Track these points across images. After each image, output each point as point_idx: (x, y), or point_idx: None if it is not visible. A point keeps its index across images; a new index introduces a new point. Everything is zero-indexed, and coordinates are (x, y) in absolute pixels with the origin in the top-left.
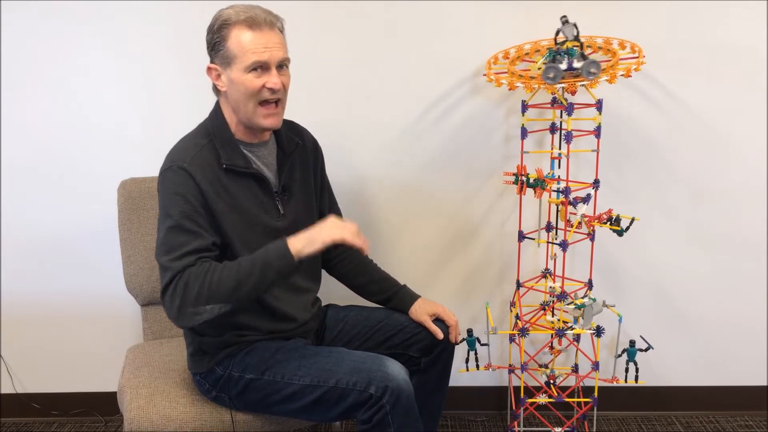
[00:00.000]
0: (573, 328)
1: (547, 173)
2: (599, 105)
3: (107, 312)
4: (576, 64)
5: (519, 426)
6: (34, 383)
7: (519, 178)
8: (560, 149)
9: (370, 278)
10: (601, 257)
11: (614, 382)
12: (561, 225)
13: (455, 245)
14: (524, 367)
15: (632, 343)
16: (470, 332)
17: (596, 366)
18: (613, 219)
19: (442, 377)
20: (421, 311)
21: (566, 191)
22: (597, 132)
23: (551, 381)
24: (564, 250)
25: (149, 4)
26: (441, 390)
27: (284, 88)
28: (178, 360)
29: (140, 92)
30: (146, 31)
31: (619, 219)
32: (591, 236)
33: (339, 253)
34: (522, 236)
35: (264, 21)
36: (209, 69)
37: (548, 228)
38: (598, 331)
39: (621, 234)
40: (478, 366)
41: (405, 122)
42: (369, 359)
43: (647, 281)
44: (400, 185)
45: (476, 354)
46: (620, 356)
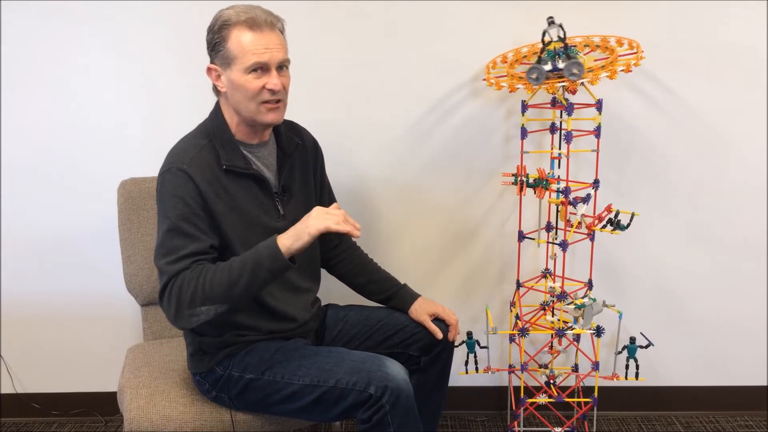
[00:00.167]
0: (573, 328)
1: (548, 173)
2: (599, 105)
3: (107, 312)
4: (560, 65)
5: (519, 426)
6: (34, 383)
7: (519, 179)
8: (560, 149)
9: (370, 278)
10: (601, 257)
11: (614, 379)
12: (561, 225)
13: (455, 245)
14: (524, 367)
15: (632, 340)
16: (470, 335)
17: (596, 366)
18: (614, 215)
19: (442, 377)
20: (421, 311)
21: (566, 191)
22: (597, 132)
23: (551, 381)
24: (564, 250)
25: (149, 4)
26: (441, 389)
27: (284, 89)
28: (178, 360)
29: (140, 92)
30: (146, 31)
31: (618, 213)
32: (591, 236)
33: (339, 253)
34: (522, 236)
35: (264, 22)
36: (209, 69)
37: (548, 228)
38: (598, 331)
39: (624, 229)
40: (477, 369)
41: (405, 122)
42: (369, 359)
43: (647, 281)
44: (400, 185)
45: (476, 357)
46: (620, 353)
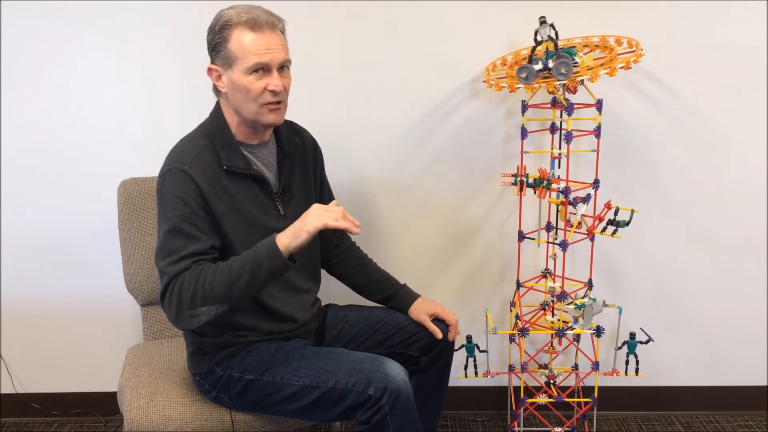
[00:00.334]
0: (573, 328)
1: (548, 173)
2: (599, 105)
3: (107, 312)
4: (550, 65)
5: (519, 426)
6: (34, 383)
7: (518, 179)
8: (560, 149)
9: (370, 278)
10: (601, 257)
11: (614, 375)
12: (561, 225)
13: (455, 245)
14: (524, 368)
15: (632, 336)
16: (469, 339)
17: (596, 366)
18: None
19: (442, 377)
20: (421, 311)
21: (566, 191)
22: (597, 132)
23: (551, 381)
24: (564, 250)
25: (149, 4)
26: (441, 389)
27: (285, 90)
28: (178, 360)
29: (140, 92)
30: (146, 31)
31: (618, 211)
32: (591, 236)
33: (339, 253)
34: (522, 236)
35: (266, 22)
36: (210, 70)
37: (548, 228)
38: (598, 331)
39: (624, 226)
40: (477, 373)
41: (405, 122)
42: (368, 360)
43: (647, 281)
44: (400, 185)
45: (475, 361)
46: (620, 348)
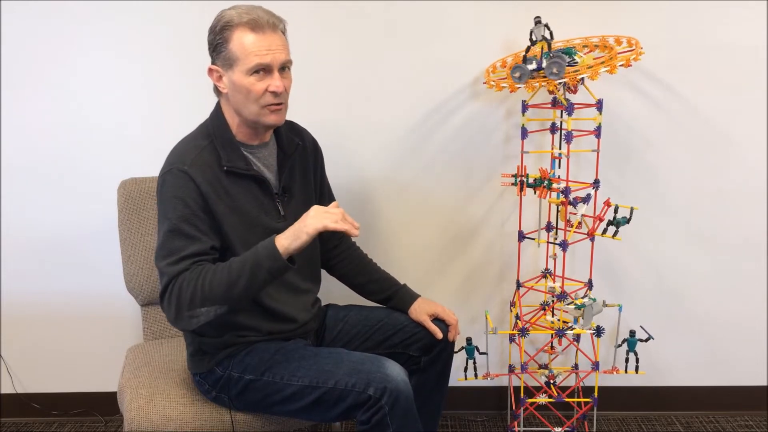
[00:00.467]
0: (573, 328)
1: (549, 173)
2: (599, 105)
3: (107, 312)
4: (544, 64)
5: (519, 426)
6: (34, 383)
7: (519, 179)
8: (560, 149)
9: (370, 278)
10: (601, 257)
11: (614, 373)
12: (561, 225)
13: (455, 245)
14: (524, 368)
15: (632, 333)
16: (469, 341)
17: (596, 366)
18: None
19: (442, 377)
20: (421, 311)
21: (566, 191)
22: (597, 132)
23: (551, 381)
24: (564, 250)
25: (149, 4)
26: (441, 389)
27: (286, 91)
28: (178, 360)
29: (140, 92)
30: (146, 31)
31: (617, 209)
32: (591, 236)
33: (339, 253)
34: (522, 236)
35: (267, 23)
36: (210, 70)
37: (548, 228)
38: (598, 331)
39: (625, 224)
40: (477, 375)
41: (405, 122)
42: (368, 360)
43: (647, 281)
44: (400, 185)
45: (475, 363)
46: (620, 346)
